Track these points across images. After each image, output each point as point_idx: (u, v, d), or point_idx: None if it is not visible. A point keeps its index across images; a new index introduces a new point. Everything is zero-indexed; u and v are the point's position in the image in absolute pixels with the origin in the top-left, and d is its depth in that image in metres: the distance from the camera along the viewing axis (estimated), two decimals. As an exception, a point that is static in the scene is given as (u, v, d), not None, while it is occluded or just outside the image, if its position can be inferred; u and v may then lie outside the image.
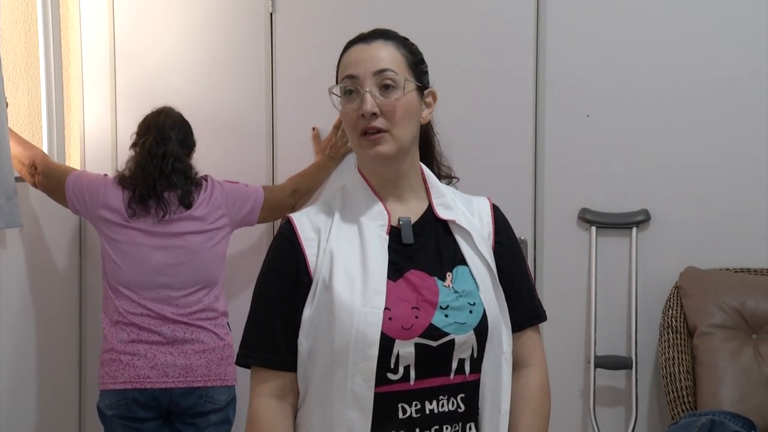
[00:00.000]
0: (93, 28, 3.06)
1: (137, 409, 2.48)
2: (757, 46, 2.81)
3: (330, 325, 1.42)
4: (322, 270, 1.46)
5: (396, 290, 1.44)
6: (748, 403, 2.45)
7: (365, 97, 1.46)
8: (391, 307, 1.42)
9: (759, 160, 2.83)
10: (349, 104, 1.48)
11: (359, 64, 1.48)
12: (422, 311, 1.44)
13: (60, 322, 2.94)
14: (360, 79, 1.47)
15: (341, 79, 1.50)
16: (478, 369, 1.48)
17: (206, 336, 2.54)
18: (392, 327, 1.41)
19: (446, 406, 1.45)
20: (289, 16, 2.96)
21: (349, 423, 1.41)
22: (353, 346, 1.39)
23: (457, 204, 1.58)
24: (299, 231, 1.50)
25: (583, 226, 2.90)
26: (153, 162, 2.54)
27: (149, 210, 2.53)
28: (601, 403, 2.87)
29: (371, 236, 1.47)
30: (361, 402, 1.40)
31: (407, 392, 1.43)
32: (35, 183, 2.64)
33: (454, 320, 1.45)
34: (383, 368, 1.41)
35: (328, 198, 1.58)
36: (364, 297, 1.41)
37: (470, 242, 1.53)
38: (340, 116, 1.55)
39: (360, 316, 1.40)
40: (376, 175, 1.53)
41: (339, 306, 1.42)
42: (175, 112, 2.67)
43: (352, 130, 1.49)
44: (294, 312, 1.47)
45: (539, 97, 2.89)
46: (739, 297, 2.66)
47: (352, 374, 1.39)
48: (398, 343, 1.41)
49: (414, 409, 1.43)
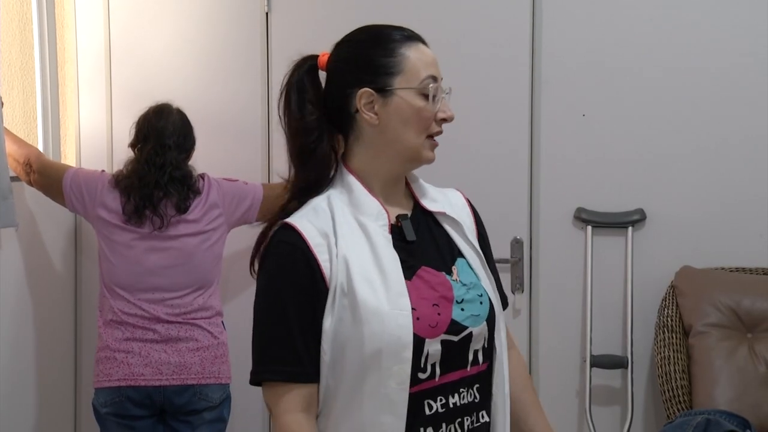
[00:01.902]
0: (88, 27, 3.05)
1: (131, 406, 2.48)
2: (752, 46, 2.81)
3: (357, 332, 1.39)
4: (338, 276, 1.41)
5: (414, 289, 1.43)
6: (743, 402, 2.45)
7: (448, 104, 1.49)
8: (416, 307, 1.41)
9: (754, 159, 2.83)
10: (429, 104, 1.47)
11: (436, 66, 1.49)
12: (441, 307, 1.44)
13: (56, 321, 2.94)
14: (439, 84, 1.48)
15: (424, 78, 1.46)
16: (487, 357, 1.51)
17: (200, 334, 2.54)
18: (421, 327, 1.40)
19: (466, 398, 1.47)
20: (285, 15, 2.96)
21: (383, 427, 1.38)
22: (386, 350, 1.37)
23: (439, 196, 1.59)
24: (307, 237, 1.42)
25: (578, 226, 2.90)
26: (151, 172, 2.52)
27: (145, 219, 2.52)
28: (596, 402, 2.87)
29: (377, 237, 1.44)
30: (396, 405, 1.38)
31: (433, 388, 1.43)
32: (30, 181, 2.63)
33: (470, 313, 1.46)
34: (415, 369, 1.40)
35: (317, 201, 1.49)
36: (389, 300, 1.39)
37: (461, 233, 1.54)
38: (366, 106, 1.46)
39: (390, 319, 1.38)
40: (389, 174, 1.51)
41: (366, 311, 1.38)
42: (174, 111, 2.65)
43: (421, 130, 1.47)
44: (313, 322, 1.41)
45: (535, 97, 2.89)
46: (734, 296, 2.66)
47: (386, 378, 1.37)
48: (427, 342, 1.41)
49: (439, 405, 1.44)
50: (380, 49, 1.48)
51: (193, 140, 2.67)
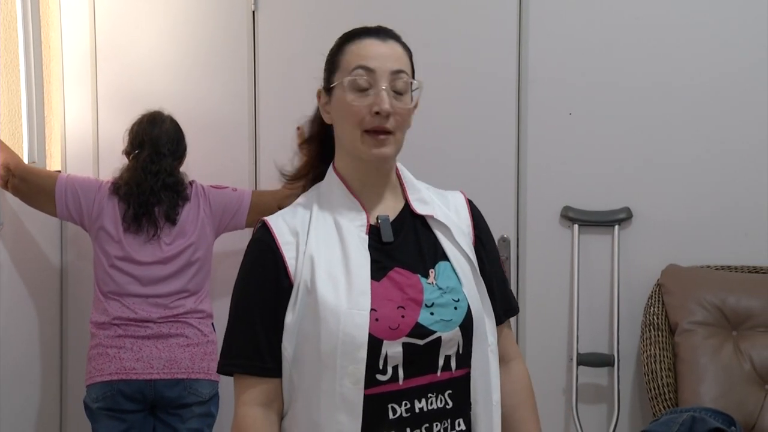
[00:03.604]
0: (74, 26, 3.04)
1: (122, 400, 2.51)
2: (738, 44, 2.82)
3: (316, 329, 1.40)
4: (303, 274, 1.43)
5: (380, 290, 1.43)
6: (728, 399, 2.46)
7: (382, 95, 1.41)
8: (377, 308, 1.40)
9: (740, 158, 2.84)
10: (359, 98, 1.43)
11: (377, 58, 1.43)
12: (408, 310, 1.43)
13: (41, 319, 2.92)
14: (377, 75, 1.42)
15: (353, 68, 1.43)
16: (464, 364, 1.47)
17: (191, 331, 2.60)
18: (379, 328, 1.39)
19: (435, 404, 1.44)
20: (272, 13, 2.95)
21: (339, 426, 1.39)
22: (341, 349, 1.37)
23: (434, 199, 1.56)
24: (277, 235, 1.46)
25: (565, 224, 2.91)
26: (147, 179, 2.59)
27: (142, 227, 2.59)
28: (583, 401, 2.88)
29: (351, 237, 1.45)
30: (351, 405, 1.38)
31: (396, 392, 1.41)
32: (8, 186, 2.60)
33: (440, 318, 1.44)
34: (372, 370, 1.39)
35: (303, 200, 1.54)
36: (350, 299, 1.40)
37: (450, 237, 1.52)
38: (322, 107, 1.51)
39: (346, 318, 1.38)
40: (364, 174, 1.50)
41: (324, 309, 1.39)
42: (167, 119, 2.70)
43: (354, 125, 1.43)
44: (275, 317, 1.44)
45: (522, 96, 2.90)
46: (719, 294, 2.67)
47: (340, 377, 1.37)
48: (386, 344, 1.39)
49: (404, 409, 1.42)
50: (335, 48, 1.50)
51: (184, 147, 2.72)
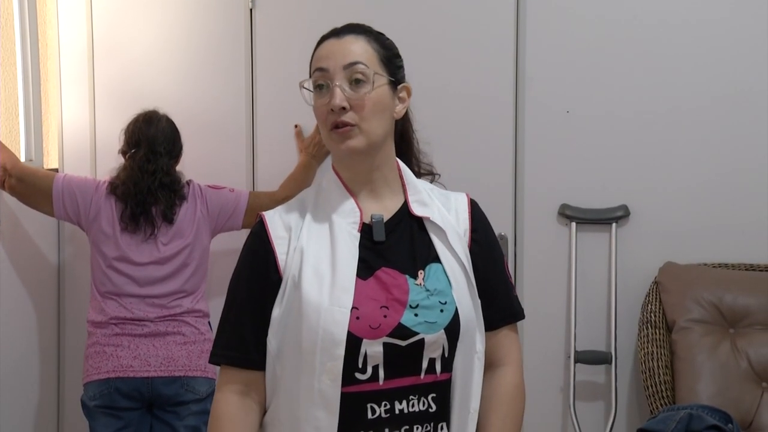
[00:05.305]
0: (71, 24, 3.03)
1: (120, 398, 2.51)
2: (736, 43, 2.83)
3: (298, 325, 1.41)
4: (291, 268, 1.44)
5: (365, 289, 1.43)
6: (725, 397, 2.47)
7: (334, 91, 1.44)
8: (359, 306, 1.40)
9: (737, 156, 2.84)
10: (319, 99, 1.47)
11: (330, 57, 1.46)
12: (391, 310, 1.42)
13: (39, 318, 2.92)
14: (330, 73, 1.45)
15: (313, 72, 1.49)
16: (449, 368, 1.46)
17: (187, 330, 2.60)
18: (359, 326, 1.40)
19: (417, 406, 1.44)
20: (269, 12, 2.95)
21: (317, 422, 1.40)
22: (320, 345, 1.38)
23: (434, 200, 1.55)
24: (270, 229, 1.49)
25: (563, 222, 2.91)
26: (144, 178, 2.59)
27: (139, 227, 2.59)
28: (580, 398, 2.88)
29: (342, 234, 1.46)
30: (328, 401, 1.39)
31: (376, 392, 1.41)
32: (5, 186, 2.60)
33: (423, 319, 1.43)
34: (351, 368, 1.39)
35: (302, 196, 1.57)
36: (332, 296, 1.40)
37: (444, 240, 1.51)
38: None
39: (327, 315, 1.39)
40: (349, 170, 1.51)
41: (306, 305, 1.41)
42: (163, 119, 2.69)
43: (323, 125, 1.48)
44: (263, 311, 1.46)
45: (519, 94, 2.90)
46: (716, 292, 2.68)
47: (319, 374, 1.38)
48: (365, 343, 1.39)
49: (383, 410, 1.42)
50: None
51: (180, 146, 2.72)
